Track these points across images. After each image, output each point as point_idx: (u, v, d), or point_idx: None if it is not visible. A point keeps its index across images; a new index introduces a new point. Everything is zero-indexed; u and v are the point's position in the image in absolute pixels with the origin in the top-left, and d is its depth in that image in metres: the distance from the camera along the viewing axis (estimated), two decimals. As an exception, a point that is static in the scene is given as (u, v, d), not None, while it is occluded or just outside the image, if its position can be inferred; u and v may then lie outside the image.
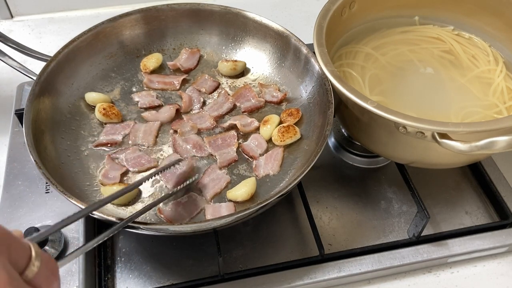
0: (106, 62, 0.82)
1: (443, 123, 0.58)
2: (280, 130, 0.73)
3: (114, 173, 0.69)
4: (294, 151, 0.73)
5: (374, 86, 0.74)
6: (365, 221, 0.74)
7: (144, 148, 0.74)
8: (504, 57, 0.79)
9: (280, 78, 0.82)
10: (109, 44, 0.82)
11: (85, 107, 0.77)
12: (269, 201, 0.59)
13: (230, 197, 0.67)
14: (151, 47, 0.86)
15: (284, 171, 0.71)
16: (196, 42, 0.87)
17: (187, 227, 0.59)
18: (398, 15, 0.84)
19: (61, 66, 0.75)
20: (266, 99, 0.80)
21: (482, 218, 0.75)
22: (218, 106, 0.80)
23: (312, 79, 0.76)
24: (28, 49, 0.78)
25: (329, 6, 0.73)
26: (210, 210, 0.66)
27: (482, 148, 0.55)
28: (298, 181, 0.62)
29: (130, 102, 0.80)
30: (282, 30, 0.80)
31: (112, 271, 0.68)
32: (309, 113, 0.76)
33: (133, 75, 0.83)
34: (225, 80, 0.84)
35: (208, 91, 0.82)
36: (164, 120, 0.77)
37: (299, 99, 0.79)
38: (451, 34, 0.82)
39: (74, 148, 0.72)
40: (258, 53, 0.84)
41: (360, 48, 0.79)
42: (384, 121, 0.59)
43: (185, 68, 0.84)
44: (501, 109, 0.71)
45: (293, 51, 0.79)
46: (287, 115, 0.76)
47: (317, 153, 0.63)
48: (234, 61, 0.83)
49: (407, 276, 0.70)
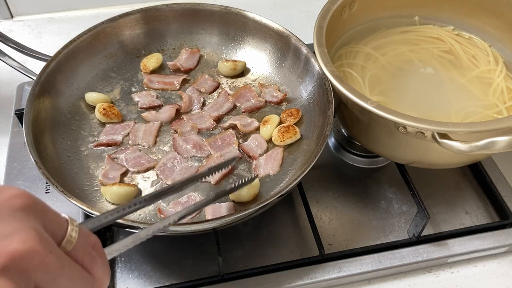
0: (106, 62, 0.82)
1: (443, 123, 0.58)
2: (280, 130, 0.73)
3: (114, 173, 0.69)
4: (294, 151, 0.73)
5: (374, 86, 0.74)
6: (365, 221, 0.74)
7: (144, 148, 0.74)
8: (504, 57, 0.79)
9: (280, 78, 0.82)
10: (109, 44, 0.82)
11: (85, 107, 0.77)
12: (269, 201, 0.59)
13: (233, 198, 0.67)
14: (151, 47, 0.86)
15: (284, 171, 0.71)
16: (196, 42, 0.87)
17: (187, 227, 0.59)
18: (398, 15, 0.84)
19: (61, 66, 0.75)
20: (266, 99, 0.80)
21: (482, 218, 0.75)
22: (218, 106, 0.80)
23: (312, 79, 0.76)
24: (28, 49, 0.78)
25: (329, 6, 0.73)
26: (210, 210, 0.66)
27: (482, 148, 0.55)
28: (298, 181, 0.62)
29: (130, 102, 0.80)
30: (282, 30, 0.80)
31: (112, 271, 0.68)
32: (309, 113, 0.76)
33: (133, 75, 0.83)
34: (225, 80, 0.84)
35: (208, 91, 0.82)
36: (164, 120, 0.77)
37: (299, 99, 0.79)
38: (451, 34, 0.82)
39: (74, 148, 0.72)
40: (258, 53, 0.84)
41: (360, 48, 0.79)
42: (384, 121, 0.59)
43: (185, 68, 0.84)
44: (501, 109, 0.71)
45: (293, 51, 0.79)
46: (287, 115, 0.76)
47: (317, 153, 0.63)
48: (234, 61, 0.83)
49: (407, 276, 0.70)
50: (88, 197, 0.66)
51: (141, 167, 0.71)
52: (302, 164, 0.70)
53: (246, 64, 0.84)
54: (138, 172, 0.71)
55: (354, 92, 0.61)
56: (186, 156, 0.73)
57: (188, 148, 0.74)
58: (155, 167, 0.71)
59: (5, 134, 0.84)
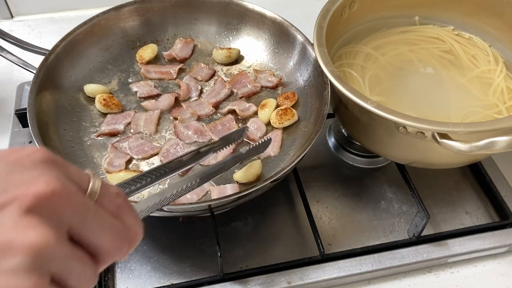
0: (102, 54, 0.83)
1: (443, 123, 0.58)
2: (278, 113, 0.75)
3: (119, 160, 0.71)
4: (292, 132, 0.75)
5: (374, 86, 0.74)
6: (365, 221, 0.74)
7: (146, 136, 0.75)
8: (504, 57, 0.79)
9: (274, 63, 0.84)
10: (104, 36, 0.83)
11: (84, 99, 0.78)
12: (276, 177, 0.61)
13: (237, 179, 0.68)
14: (146, 38, 0.87)
15: (284, 151, 0.73)
16: (190, 32, 0.88)
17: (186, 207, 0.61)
18: (398, 15, 0.84)
19: (59, 59, 0.76)
20: (262, 84, 0.81)
21: (482, 218, 0.75)
22: (215, 93, 0.81)
23: (308, 64, 0.77)
24: (26, 43, 0.79)
25: (329, 6, 0.72)
26: (216, 191, 0.67)
27: (482, 148, 0.55)
28: (301, 158, 0.64)
29: (128, 92, 0.81)
30: (275, 16, 0.81)
31: (112, 271, 0.68)
32: (305, 96, 0.78)
33: (129, 66, 0.84)
34: (220, 68, 0.85)
35: (204, 79, 0.83)
36: (163, 108, 0.78)
37: (294, 83, 0.81)
38: (451, 34, 0.82)
39: (77, 139, 0.73)
40: (252, 40, 0.86)
41: (360, 48, 0.79)
42: (384, 121, 0.59)
43: (180, 58, 0.85)
44: (501, 109, 0.71)
45: (286, 37, 0.81)
46: (283, 99, 0.78)
47: (317, 131, 0.65)
48: (229, 49, 0.84)
49: (407, 276, 0.70)
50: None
51: (145, 154, 0.72)
52: (301, 144, 0.71)
53: (240, 51, 0.85)
54: (143, 159, 0.72)
55: (355, 92, 0.61)
56: (188, 142, 0.74)
57: (190, 134, 0.75)
58: (158, 153, 0.72)
59: (5, 134, 0.84)
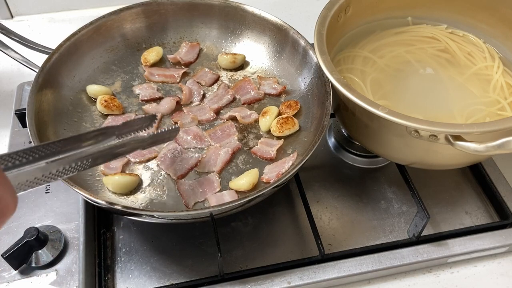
0: (107, 55, 0.83)
1: (457, 125, 0.57)
2: (279, 121, 0.74)
3: (116, 163, 0.71)
4: (293, 142, 0.74)
5: (376, 90, 0.73)
6: (365, 221, 0.74)
7: None
8: (499, 53, 0.79)
9: (279, 71, 0.83)
10: (110, 37, 0.83)
11: (86, 99, 0.78)
12: (273, 185, 0.60)
13: (233, 187, 0.68)
14: (152, 40, 0.87)
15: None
16: (196, 36, 0.88)
17: (186, 214, 0.61)
18: (391, 16, 0.83)
19: (63, 59, 0.76)
20: (265, 91, 0.81)
21: (482, 218, 0.75)
22: (218, 99, 0.80)
23: (310, 71, 0.77)
24: (30, 42, 0.79)
25: (326, 12, 0.72)
26: (214, 199, 0.67)
27: (499, 148, 0.54)
28: (296, 171, 0.63)
29: (131, 94, 0.81)
30: (281, 23, 0.81)
31: (112, 271, 0.68)
32: (307, 105, 0.77)
33: (133, 68, 0.84)
34: (224, 73, 0.85)
35: (208, 84, 0.83)
36: (164, 112, 0.78)
37: (298, 91, 0.80)
38: (445, 32, 0.82)
39: None
40: (257, 46, 0.85)
41: (357, 52, 0.79)
42: (393, 126, 0.59)
43: (185, 61, 0.85)
44: (504, 105, 0.71)
45: (291, 44, 0.81)
46: (286, 107, 0.77)
47: (315, 142, 0.64)
48: (234, 54, 0.84)
49: (407, 276, 0.70)
50: (91, 187, 0.67)
51: (142, 157, 0.72)
52: (300, 154, 0.71)
53: (246, 57, 0.85)
54: (140, 163, 0.72)
55: (364, 99, 0.60)
56: (186, 147, 0.74)
57: (189, 139, 0.74)
58: (156, 157, 0.72)
59: (5, 134, 0.84)
